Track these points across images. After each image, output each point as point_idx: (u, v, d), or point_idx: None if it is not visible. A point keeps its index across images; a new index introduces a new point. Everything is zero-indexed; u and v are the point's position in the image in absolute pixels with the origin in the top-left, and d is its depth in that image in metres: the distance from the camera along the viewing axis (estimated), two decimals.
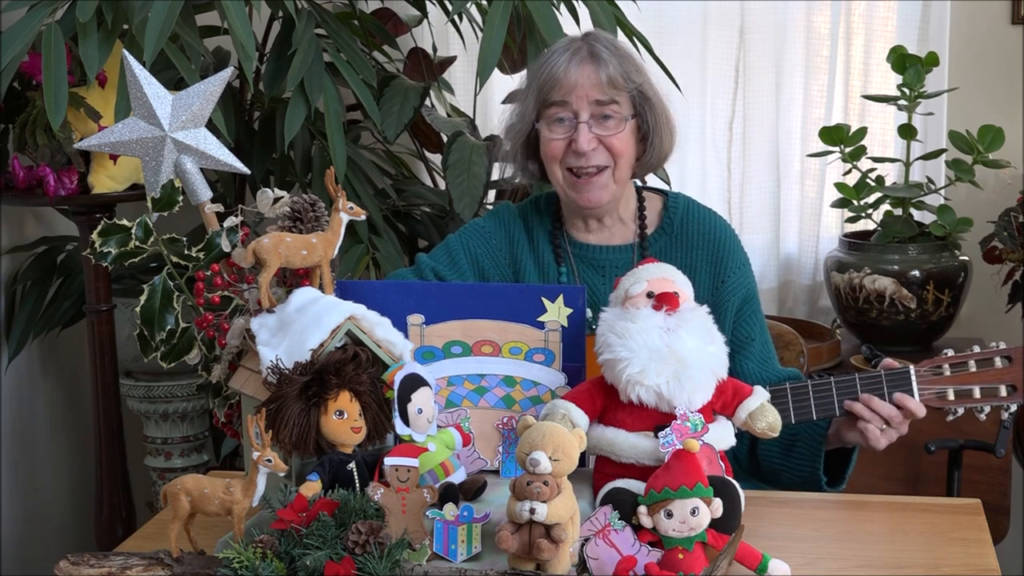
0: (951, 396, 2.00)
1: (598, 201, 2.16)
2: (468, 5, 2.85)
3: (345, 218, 1.81)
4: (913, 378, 2.00)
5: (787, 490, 2.08)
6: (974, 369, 2.00)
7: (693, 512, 1.57)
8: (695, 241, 2.22)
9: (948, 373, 2.00)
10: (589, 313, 2.05)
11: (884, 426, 1.99)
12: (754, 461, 2.19)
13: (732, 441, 1.78)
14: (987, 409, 2.01)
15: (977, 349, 2.02)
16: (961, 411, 2.01)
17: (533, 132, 2.18)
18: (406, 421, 1.69)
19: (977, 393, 2.00)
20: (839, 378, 2.02)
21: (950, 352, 2.03)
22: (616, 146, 2.12)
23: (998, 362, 2.00)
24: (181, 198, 1.92)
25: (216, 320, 1.90)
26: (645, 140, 2.17)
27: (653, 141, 2.16)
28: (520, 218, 2.27)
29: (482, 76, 2.62)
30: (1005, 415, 2.09)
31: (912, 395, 1.98)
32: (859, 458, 2.13)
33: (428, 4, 3.11)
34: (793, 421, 2.02)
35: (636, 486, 1.64)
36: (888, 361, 2.04)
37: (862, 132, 3.14)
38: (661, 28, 3.44)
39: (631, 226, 2.24)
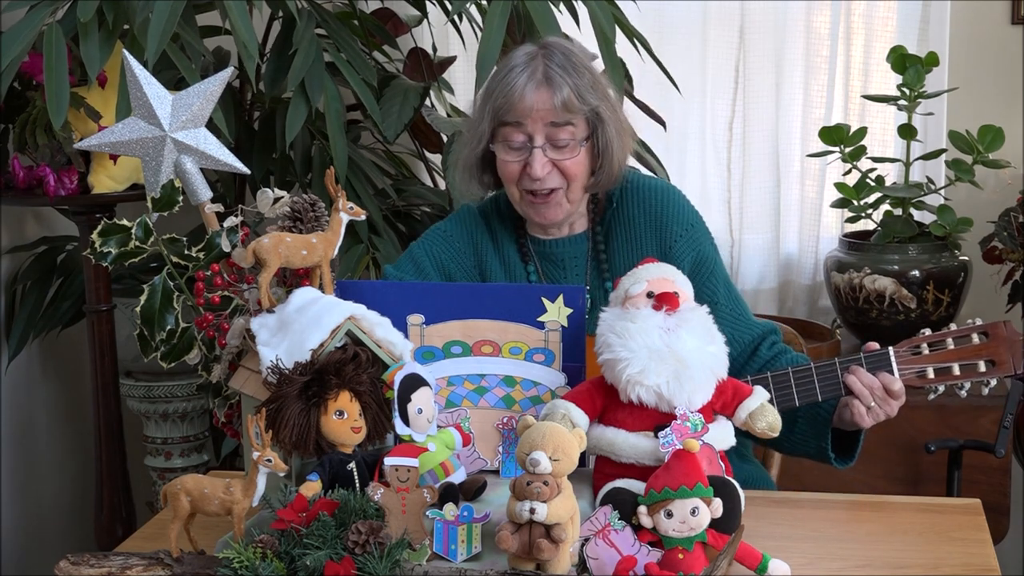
0: (931, 374, 2.00)
1: (554, 218, 2.17)
2: (468, 5, 2.85)
3: (345, 218, 1.81)
4: (893, 359, 1.99)
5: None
6: (952, 347, 2.00)
7: (693, 512, 1.57)
8: (634, 212, 2.20)
9: (927, 352, 2.00)
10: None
11: (871, 403, 1.99)
12: None
13: (732, 441, 1.78)
14: (967, 386, 2.01)
15: (954, 327, 2.02)
16: (942, 389, 2.01)
17: (489, 150, 2.17)
18: (406, 421, 1.69)
19: (956, 370, 2.00)
20: (819, 363, 2.01)
21: (927, 331, 2.02)
22: (570, 169, 2.12)
23: (976, 338, 2.00)
24: (181, 198, 1.92)
25: (216, 320, 1.90)
26: (600, 158, 2.15)
27: (603, 163, 2.15)
28: (482, 219, 2.26)
29: (482, 76, 2.62)
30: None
31: (892, 375, 1.98)
32: (859, 458, 2.13)
33: (428, 4, 3.10)
34: (775, 407, 2.01)
35: (636, 486, 1.64)
36: (870, 344, 2.04)
37: (862, 132, 3.14)
38: (661, 28, 3.44)
39: (588, 214, 2.24)
